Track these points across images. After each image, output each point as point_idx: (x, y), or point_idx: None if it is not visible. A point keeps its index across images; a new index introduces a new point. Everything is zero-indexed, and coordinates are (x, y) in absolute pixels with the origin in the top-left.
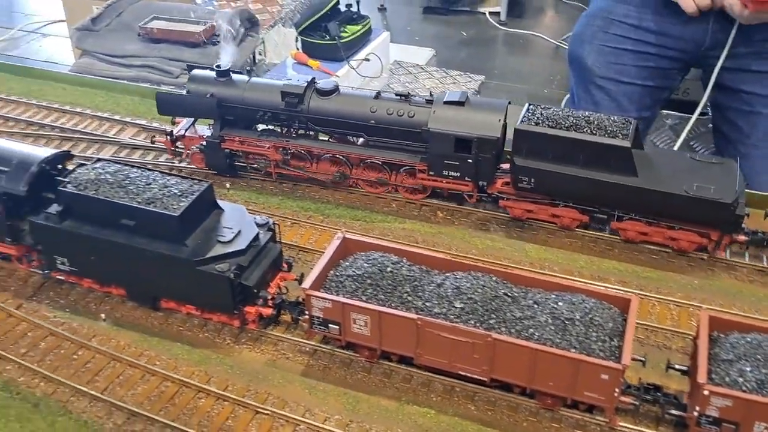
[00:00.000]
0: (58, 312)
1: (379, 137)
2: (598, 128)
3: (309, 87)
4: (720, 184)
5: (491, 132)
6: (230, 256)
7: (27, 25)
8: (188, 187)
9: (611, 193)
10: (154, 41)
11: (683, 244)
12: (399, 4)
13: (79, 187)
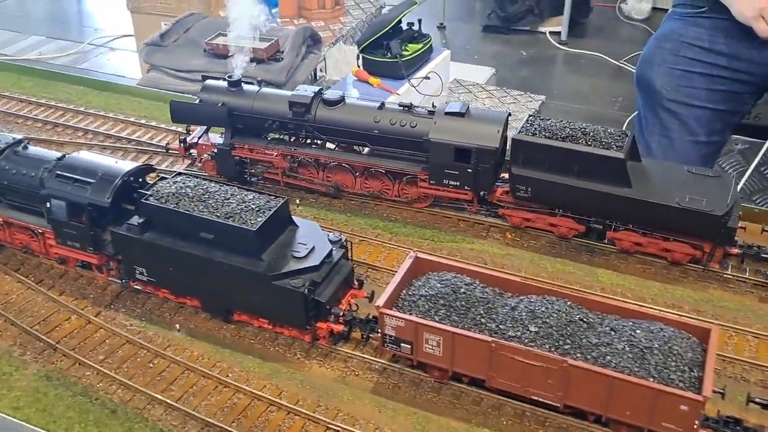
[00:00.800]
0: (135, 321)
1: (382, 146)
2: (593, 139)
3: (316, 97)
4: (713, 197)
5: (490, 142)
6: (304, 271)
7: (95, 39)
8: (265, 203)
9: (605, 204)
10: (219, 57)
11: (677, 256)
12: (458, 22)
13: (160, 200)
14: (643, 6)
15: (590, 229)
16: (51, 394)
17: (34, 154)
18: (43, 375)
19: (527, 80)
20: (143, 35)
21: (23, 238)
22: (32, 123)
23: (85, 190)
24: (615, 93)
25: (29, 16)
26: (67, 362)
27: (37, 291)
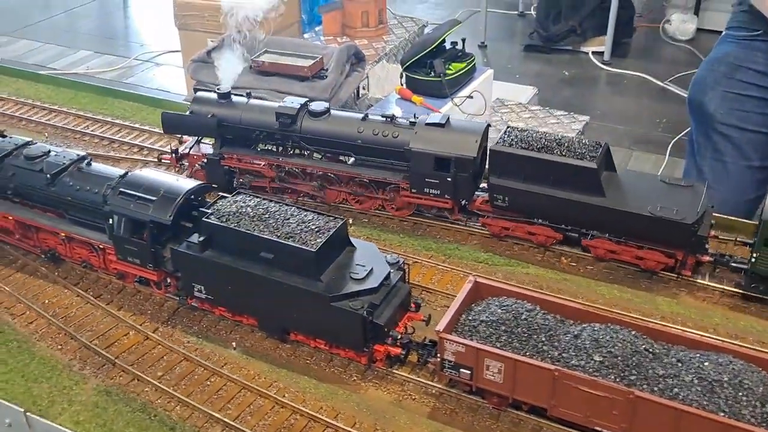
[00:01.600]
0: (192, 337)
1: (366, 156)
2: (567, 150)
3: (302, 108)
4: (684, 206)
5: (468, 152)
6: (363, 293)
7: (141, 55)
8: (324, 224)
9: (579, 212)
10: (264, 74)
11: (650, 264)
12: (499, 41)
13: (221, 218)
14: (688, 27)
15: (566, 238)
16: (111, 409)
17: (97, 170)
18: (102, 390)
19: (569, 100)
20: (190, 51)
21: (83, 252)
22: (89, 139)
23: (147, 208)
24: (659, 114)
25: (78, 31)
26: (126, 378)
27: (95, 305)
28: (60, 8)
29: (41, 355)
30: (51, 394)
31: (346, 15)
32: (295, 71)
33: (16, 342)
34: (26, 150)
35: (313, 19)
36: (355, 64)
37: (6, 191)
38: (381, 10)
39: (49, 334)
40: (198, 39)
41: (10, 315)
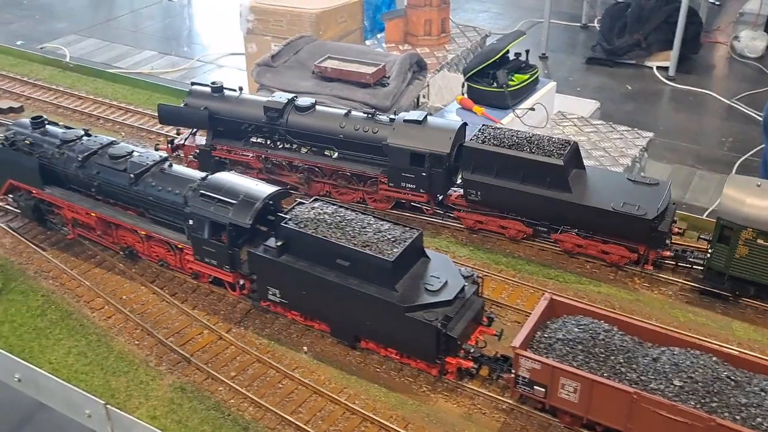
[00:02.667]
0: (264, 339)
1: (347, 150)
2: (537, 147)
3: (289, 103)
4: (646, 203)
5: (442, 148)
6: (437, 305)
7: (204, 56)
8: (401, 234)
9: (547, 207)
10: (327, 80)
11: (614, 258)
12: (561, 53)
13: (299, 224)
14: (757, 44)
15: (537, 232)
16: (186, 406)
17: (178, 172)
18: (178, 386)
19: (632, 115)
20: (254, 55)
21: (161, 251)
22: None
23: (227, 211)
24: (725, 133)
25: (143, 32)
26: (201, 376)
27: (171, 303)
28: (126, 9)
29: (119, 349)
30: (128, 388)
31: (408, 23)
32: (357, 78)
33: (96, 335)
34: (111, 149)
35: (375, 26)
36: (416, 72)
37: (90, 189)
38: (444, 19)
39: (126, 330)
40: (262, 43)
41: (89, 309)
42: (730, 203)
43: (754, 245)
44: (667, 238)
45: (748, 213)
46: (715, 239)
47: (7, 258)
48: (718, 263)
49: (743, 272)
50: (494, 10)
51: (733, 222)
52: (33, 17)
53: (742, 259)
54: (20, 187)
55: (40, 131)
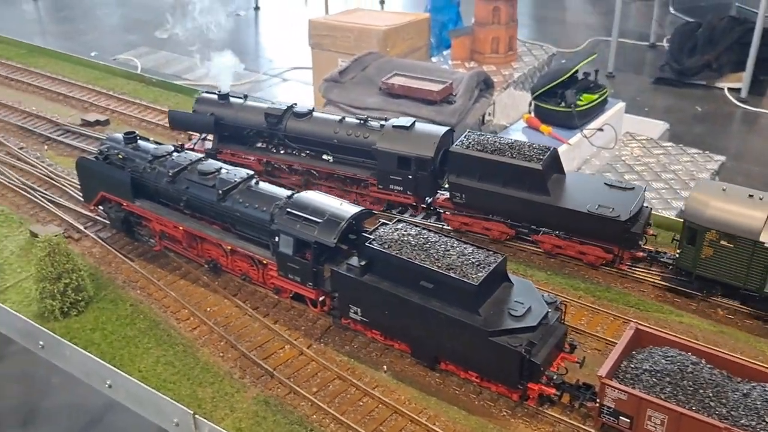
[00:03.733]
0: (343, 357)
1: (341, 154)
2: (518, 153)
3: (288, 110)
4: (620, 205)
5: (427, 152)
6: (521, 331)
7: (270, 70)
8: (484, 258)
9: (527, 210)
10: (393, 96)
11: (591, 258)
12: (628, 72)
13: (383, 245)
14: None
15: (519, 233)
16: (270, 419)
17: (264, 189)
18: (262, 399)
19: (702, 138)
20: (321, 70)
21: (244, 266)
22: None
23: (312, 229)
24: None
25: (212, 44)
26: (283, 390)
27: (253, 317)
28: (195, 22)
29: (205, 360)
30: (214, 399)
31: (475, 40)
32: (424, 95)
33: (182, 346)
34: (200, 165)
35: (441, 43)
36: (483, 90)
37: (179, 203)
38: (511, 37)
39: (211, 341)
40: (329, 58)
41: (176, 319)
42: (695, 206)
43: (718, 246)
44: (641, 239)
45: (712, 215)
46: (682, 240)
47: (97, 267)
48: (685, 263)
49: (709, 272)
50: (560, 28)
51: (698, 224)
52: (106, 29)
53: (708, 259)
54: (111, 199)
55: (132, 146)
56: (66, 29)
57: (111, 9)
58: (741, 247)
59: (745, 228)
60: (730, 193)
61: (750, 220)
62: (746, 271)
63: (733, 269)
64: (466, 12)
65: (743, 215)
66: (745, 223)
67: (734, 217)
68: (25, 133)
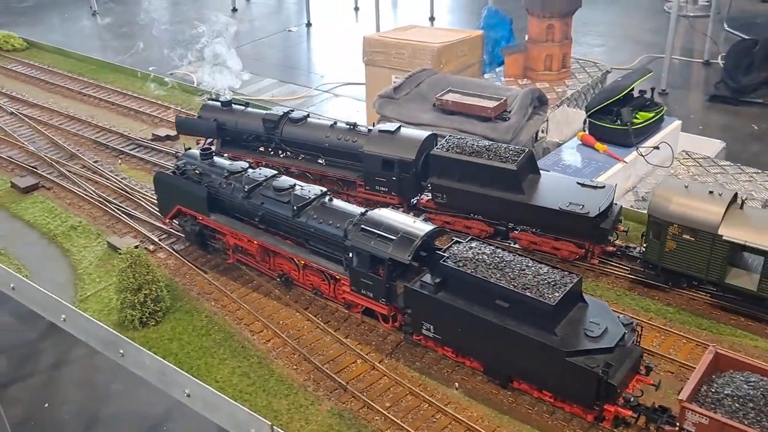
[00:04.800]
0: (415, 373)
1: (331, 157)
2: (495, 155)
3: (284, 116)
4: (590, 203)
5: (409, 155)
6: (598, 352)
7: (321, 85)
8: (560, 278)
9: (504, 208)
10: (447, 112)
11: (564, 253)
12: (682, 89)
13: (458, 263)
14: None
15: (497, 231)
16: None
17: (338, 206)
18: (336, 413)
19: (759, 157)
20: (374, 86)
21: (315, 280)
22: None
23: (387, 246)
24: None
25: (264, 60)
26: (357, 404)
27: (324, 331)
28: (249, 38)
29: (279, 372)
30: (290, 411)
31: (528, 57)
32: (478, 111)
33: (257, 358)
34: (275, 182)
35: (493, 59)
36: (537, 107)
37: (254, 218)
38: (565, 55)
39: (284, 354)
40: (383, 75)
41: (250, 332)
42: (659, 201)
43: (681, 239)
44: (610, 235)
45: (674, 210)
46: (648, 234)
47: (172, 278)
48: (651, 256)
49: (673, 264)
50: (611, 44)
51: (661, 218)
52: (163, 44)
53: (671, 252)
54: (187, 212)
55: (208, 162)
56: (125, 44)
57: (167, 25)
58: (701, 240)
59: (704, 222)
60: (692, 189)
61: (709, 215)
62: (707, 262)
63: (695, 261)
64: (518, 29)
65: (703, 210)
66: (705, 218)
67: (695, 212)
68: (99, 147)
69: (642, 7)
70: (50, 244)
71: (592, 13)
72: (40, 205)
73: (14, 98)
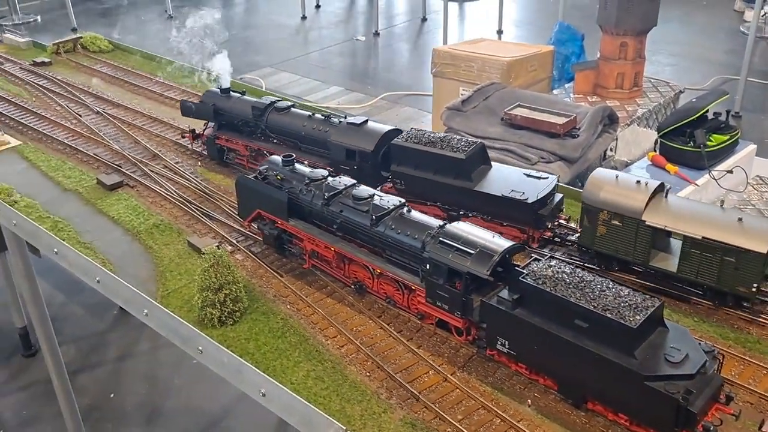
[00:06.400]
0: (487, 387)
1: (307, 145)
2: (448, 146)
3: (270, 105)
4: (530, 191)
5: (368, 146)
6: (679, 378)
7: (387, 95)
8: (641, 301)
9: (454, 195)
10: (515, 127)
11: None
12: (756, 112)
13: (537, 281)
14: None
15: (450, 216)
16: None
17: (416, 218)
18: (408, 422)
19: None
20: (441, 98)
21: (389, 289)
22: None
23: (465, 260)
24: None
25: (331, 68)
26: (429, 414)
27: (397, 340)
28: (317, 46)
29: (352, 378)
30: (363, 417)
31: (600, 75)
32: (547, 127)
33: (331, 362)
34: (354, 191)
35: (563, 75)
36: (607, 125)
37: (332, 225)
38: (637, 73)
39: (358, 360)
40: (451, 87)
41: (323, 336)
42: (591, 189)
43: (610, 225)
44: (548, 221)
45: (604, 197)
46: (582, 220)
47: (249, 280)
48: (585, 241)
49: (604, 248)
50: (683, 64)
51: (593, 205)
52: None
53: (603, 236)
54: (267, 216)
55: (289, 168)
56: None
57: (237, 30)
58: (628, 225)
59: (630, 208)
60: (621, 179)
61: (634, 202)
62: (633, 246)
63: (623, 245)
64: (589, 46)
65: (629, 197)
66: (631, 204)
67: (622, 199)
68: (180, 148)
69: (716, 27)
70: (134, 241)
71: (664, 31)
72: (124, 202)
73: (100, 98)
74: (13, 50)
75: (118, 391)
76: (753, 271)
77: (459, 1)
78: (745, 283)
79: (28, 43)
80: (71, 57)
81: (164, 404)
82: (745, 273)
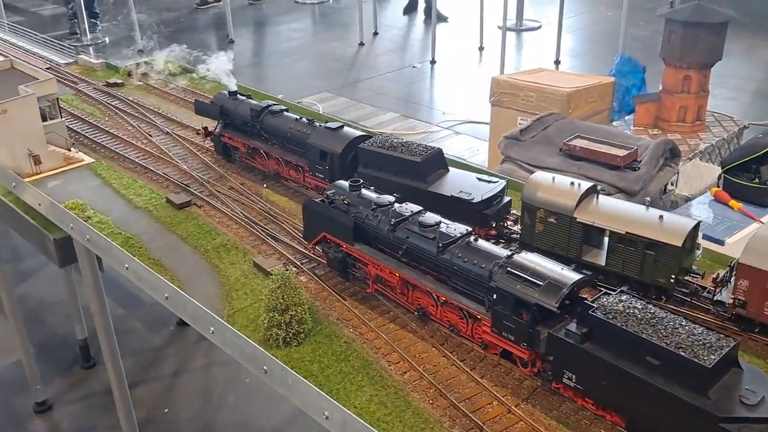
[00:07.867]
0: (552, 421)
1: (292, 146)
2: (407, 150)
3: (266, 107)
4: (477, 192)
5: (336, 149)
6: (755, 421)
7: (442, 122)
8: (716, 341)
9: (410, 194)
10: (574, 158)
11: None
12: None
13: (608, 315)
14: None
15: None
16: None
17: (483, 246)
18: None
19: None
20: (499, 127)
21: (453, 317)
22: None
23: (534, 291)
24: None
25: (387, 94)
26: None
27: (460, 369)
28: (373, 72)
29: (415, 405)
30: None
31: (661, 107)
32: (607, 159)
33: (393, 388)
34: (421, 217)
35: (623, 107)
36: (669, 159)
37: (397, 251)
38: (701, 107)
39: (421, 387)
40: (509, 116)
41: (387, 362)
42: (530, 189)
43: (546, 222)
44: (493, 221)
45: (541, 197)
46: (522, 218)
47: (312, 302)
48: (525, 238)
49: (542, 244)
50: (744, 98)
51: (531, 204)
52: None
53: (540, 233)
54: (332, 240)
55: (356, 193)
56: (257, 72)
57: (297, 57)
58: (561, 222)
59: (563, 206)
60: (557, 181)
61: (567, 201)
62: (567, 242)
63: (558, 241)
64: (649, 78)
65: (562, 196)
66: (564, 203)
67: (556, 198)
68: (246, 170)
69: None
70: (201, 259)
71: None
72: (192, 221)
73: (170, 119)
74: (87, 71)
75: (172, 405)
76: (671, 264)
77: (516, 30)
78: (664, 275)
79: (101, 64)
80: (142, 78)
81: (217, 420)
82: (664, 265)
